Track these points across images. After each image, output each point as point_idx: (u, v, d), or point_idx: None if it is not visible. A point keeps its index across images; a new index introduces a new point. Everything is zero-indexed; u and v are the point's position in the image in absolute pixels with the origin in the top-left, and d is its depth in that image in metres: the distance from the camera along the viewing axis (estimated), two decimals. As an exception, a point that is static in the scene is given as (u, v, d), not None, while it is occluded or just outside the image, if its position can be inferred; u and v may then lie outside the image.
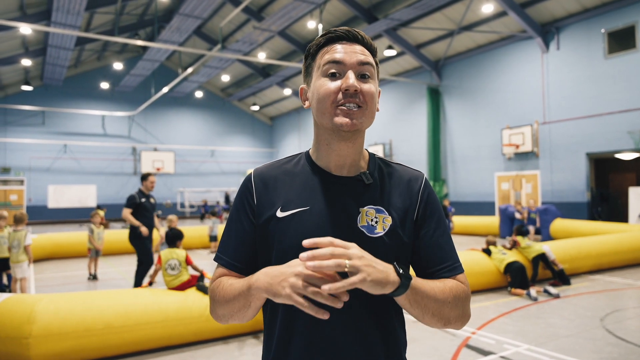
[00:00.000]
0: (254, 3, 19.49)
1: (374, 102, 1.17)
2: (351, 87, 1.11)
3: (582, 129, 14.35)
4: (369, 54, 1.19)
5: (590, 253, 8.78)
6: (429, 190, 1.25)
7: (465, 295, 1.17)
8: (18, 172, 24.57)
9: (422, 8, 15.51)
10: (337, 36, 1.18)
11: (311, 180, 1.21)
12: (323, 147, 1.21)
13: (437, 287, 1.11)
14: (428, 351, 4.65)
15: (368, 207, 1.17)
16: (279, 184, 1.22)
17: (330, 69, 1.15)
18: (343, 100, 1.13)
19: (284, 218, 1.17)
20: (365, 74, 1.16)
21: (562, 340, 4.91)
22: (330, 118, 1.14)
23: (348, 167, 1.21)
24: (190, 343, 4.90)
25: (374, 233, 1.15)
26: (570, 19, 14.53)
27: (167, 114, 28.65)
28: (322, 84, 1.15)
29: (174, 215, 9.11)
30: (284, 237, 1.15)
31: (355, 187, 1.20)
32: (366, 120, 1.16)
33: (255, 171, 1.27)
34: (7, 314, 4.17)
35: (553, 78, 15.14)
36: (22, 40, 18.94)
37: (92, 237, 8.91)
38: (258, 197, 1.22)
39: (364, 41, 1.20)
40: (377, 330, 1.15)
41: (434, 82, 19.49)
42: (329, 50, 1.17)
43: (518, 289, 7.09)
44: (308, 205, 1.17)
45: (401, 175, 1.26)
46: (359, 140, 1.20)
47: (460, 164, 18.64)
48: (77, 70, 26.13)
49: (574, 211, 14.38)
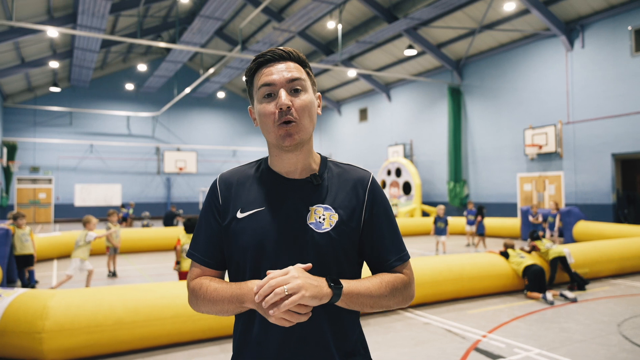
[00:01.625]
0: (274, 4, 19.60)
1: (308, 111, 1.27)
2: (283, 105, 1.23)
3: (607, 129, 13.97)
4: (298, 68, 1.30)
5: (613, 256, 8.54)
6: (375, 189, 1.36)
7: (403, 283, 1.32)
8: (47, 171, 25.28)
9: (443, 7, 15.34)
10: (266, 59, 1.30)
11: (267, 184, 1.35)
12: (274, 156, 1.34)
13: (372, 285, 1.25)
14: (435, 353, 4.61)
15: (317, 206, 1.30)
16: (239, 187, 1.36)
17: (265, 91, 1.27)
18: (281, 119, 1.24)
19: (243, 218, 1.31)
20: (297, 88, 1.27)
21: (575, 346, 4.80)
22: (274, 136, 1.27)
23: (300, 171, 1.34)
24: (200, 340, 4.97)
25: (322, 229, 1.27)
26: (596, 16, 14.16)
27: (190, 114, 29.05)
28: (261, 107, 1.28)
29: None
30: (243, 235, 1.29)
31: (305, 188, 1.32)
32: (303, 131, 1.27)
33: (220, 176, 1.41)
34: (21, 309, 4.30)
35: (578, 77, 14.79)
36: (50, 43, 19.47)
37: (110, 235, 9.10)
38: (222, 200, 1.36)
39: (291, 57, 1.31)
40: (328, 324, 1.27)
41: (455, 82, 19.26)
42: (261, 74, 1.29)
43: (534, 293, 6.95)
44: (263, 206, 1.31)
45: (349, 175, 1.36)
46: (305, 148, 1.32)
47: (481, 165, 18.37)
48: (103, 72, 26.73)
49: (599, 213, 14.01)
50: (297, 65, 1.31)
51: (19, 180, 24.60)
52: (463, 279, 6.84)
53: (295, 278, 1.11)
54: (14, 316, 4.27)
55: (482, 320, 5.82)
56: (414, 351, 4.70)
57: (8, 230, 7.61)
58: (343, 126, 27.34)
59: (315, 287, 1.13)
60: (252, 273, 1.27)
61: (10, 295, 4.48)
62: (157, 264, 10.63)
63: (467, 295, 7.00)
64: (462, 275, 6.84)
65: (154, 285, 5.10)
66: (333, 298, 1.16)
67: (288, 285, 1.09)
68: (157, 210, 27.09)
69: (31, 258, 7.91)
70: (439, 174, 20.07)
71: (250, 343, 1.28)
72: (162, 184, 28.00)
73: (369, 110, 24.98)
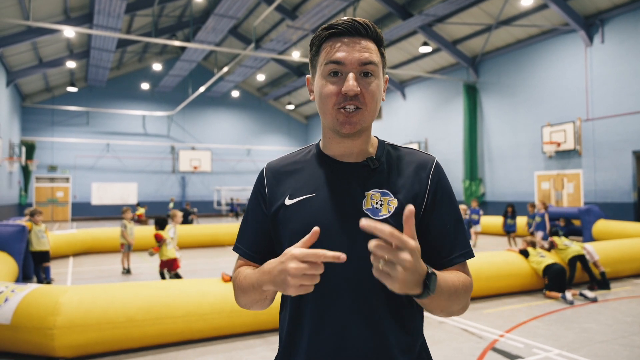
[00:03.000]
0: (287, 2, 19.56)
1: (375, 100, 1.16)
2: (350, 91, 1.11)
3: (628, 125, 13.63)
4: (373, 49, 1.16)
5: (635, 256, 8.30)
6: (439, 175, 1.23)
7: (470, 287, 1.16)
8: (64, 170, 25.62)
9: (458, 3, 15.14)
10: (340, 31, 1.15)
11: (319, 169, 1.24)
12: (328, 139, 1.23)
13: (453, 285, 1.08)
14: (452, 353, 4.50)
15: (373, 191, 1.18)
16: (288, 174, 1.27)
17: (332, 69, 1.14)
18: (343, 103, 1.13)
19: (292, 205, 1.21)
20: (368, 72, 1.14)
21: (596, 346, 4.64)
22: (332, 120, 1.16)
23: (356, 155, 1.22)
24: (211, 338, 4.92)
25: (379, 215, 1.15)
26: (616, 11, 13.82)
27: (204, 113, 29.19)
28: (323, 84, 1.15)
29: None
30: (291, 222, 1.19)
31: (361, 172, 1.21)
32: (366, 120, 1.16)
33: (267, 165, 1.32)
34: (33, 305, 4.30)
35: (597, 73, 14.46)
36: (67, 43, 19.70)
37: (125, 232, 9.16)
38: (269, 189, 1.26)
39: (368, 33, 1.16)
40: (389, 318, 1.14)
41: (470, 79, 19.00)
42: (331, 48, 1.15)
43: (553, 292, 6.79)
44: (314, 192, 1.20)
45: (411, 159, 1.24)
46: (363, 135, 1.21)
47: (498, 163, 18.09)
48: (119, 71, 26.99)
49: (619, 212, 13.68)
50: (373, 46, 1.17)
51: (37, 179, 24.96)
52: (480, 278, 6.70)
53: (410, 262, 0.90)
54: (26, 312, 4.27)
55: (499, 319, 5.68)
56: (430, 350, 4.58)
57: (24, 227, 7.67)
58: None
59: (415, 281, 0.94)
60: None
61: (23, 291, 4.48)
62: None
63: (484, 295, 6.86)
64: (479, 274, 6.70)
65: (166, 283, 5.07)
66: (418, 296, 0.98)
67: (401, 260, 0.89)
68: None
69: (47, 254, 7.98)
70: (455, 172, 19.82)
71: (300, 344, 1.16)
72: (177, 183, 28.18)
73: (383, 108, 24.80)
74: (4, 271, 6.41)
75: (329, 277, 1.10)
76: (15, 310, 4.29)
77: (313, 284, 0.97)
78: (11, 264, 7.02)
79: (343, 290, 1.12)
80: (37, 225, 7.91)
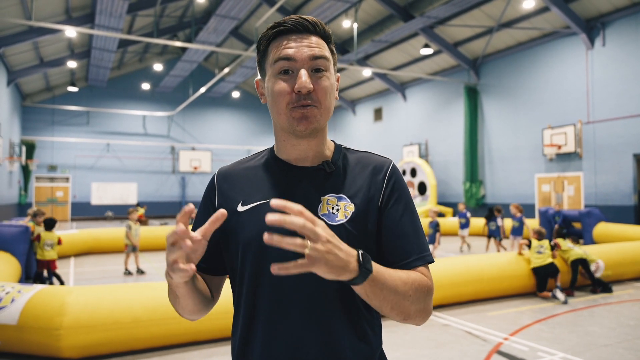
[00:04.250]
0: (289, 3, 19.58)
1: (328, 97, 1.12)
2: (303, 88, 1.07)
3: (629, 128, 13.67)
4: (322, 44, 1.13)
5: (636, 259, 8.33)
6: (395, 177, 1.19)
7: (427, 289, 1.10)
8: (64, 170, 25.59)
9: (460, 5, 15.16)
10: (287, 29, 1.12)
11: (273, 174, 1.20)
12: (282, 142, 1.19)
13: (399, 278, 1.03)
14: (457, 356, 4.51)
15: (329, 196, 1.15)
16: (241, 180, 1.22)
17: (282, 67, 1.10)
18: (296, 103, 1.09)
19: (244, 212, 1.16)
20: (320, 68, 1.11)
21: (600, 350, 4.66)
22: (287, 120, 1.12)
23: (311, 158, 1.19)
24: (216, 339, 4.93)
25: (335, 221, 1.11)
26: (617, 14, 13.86)
27: (205, 113, 29.19)
28: (275, 84, 1.12)
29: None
30: (243, 230, 1.14)
31: (316, 177, 1.17)
32: (322, 117, 1.12)
33: (218, 171, 1.27)
34: (40, 305, 4.31)
35: (598, 76, 14.50)
36: (68, 43, 19.68)
37: (130, 233, 9.14)
38: (220, 196, 1.22)
39: (316, 30, 1.13)
40: (345, 327, 1.10)
41: (471, 81, 19.04)
42: (279, 46, 1.12)
43: (544, 292, 6.91)
44: (268, 198, 1.15)
45: (367, 162, 1.21)
46: (319, 135, 1.17)
47: (498, 165, 18.12)
48: (119, 71, 26.97)
49: (620, 215, 13.71)
50: (322, 41, 1.14)
51: (37, 179, 24.93)
52: (483, 279, 6.72)
53: (325, 240, 0.87)
54: (32, 313, 4.28)
55: (503, 322, 5.69)
56: (435, 353, 4.60)
57: (27, 228, 7.67)
58: (357, 126, 27.21)
59: (341, 259, 0.89)
60: (252, 275, 1.10)
61: (29, 292, 4.49)
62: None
63: (487, 297, 6.88)
64: (482, 276, 6.72)
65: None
66: (356, 279, 0.93)
67: (313, 244, 0.86)
68: (172, 209, 27.28)
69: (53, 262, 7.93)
70: (455, 174, 19.85)
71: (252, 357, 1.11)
72: (177, 183, 28.17)
73: (383, 109, 24.82)
74: (8, 272, 6.42)
75: (281, 286, 1.08)
76: (22, 311, 4.29)
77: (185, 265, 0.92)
78: (14, 265, 7.02)
79: (296, 300, 1.08)
80: (40, 226, 7.88)
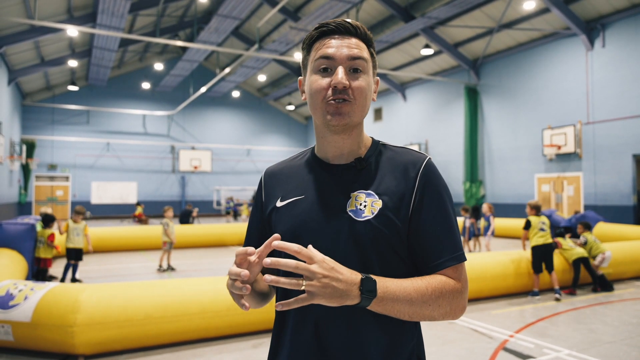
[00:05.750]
0: (290, 3, 19.63)
1: (364, 96, 1.17)
2: (339, 84, 1.12)
3: (629, 129, 13.77)
4: (362, 46, 1.19)
5: (637, 258, 8.42)
6: (428, 174, 1.19)
7: (453, 292, 1.12)
8: (64, 169, 25.59)
9: (461, 6, 15.24)
10: (330, 29, 1.18)
11: (310, 171, 1.27)
12: (320, 139, 1.25)
13: (414, 289, 1.07)
14: (463, 353, 4.58)
15: (358, 192, 1.18)
16: (283, 177, 1.32)
17: (322, 64, 1.16)
18: (332, 97, 1.14)
19: (282, 207, 1.26)
20: (357, 69, 1.16)
21: (605, 347, 4.73)
22: (321, 114, 1.17)
23: (346, 156, 1.23)
24: (226, 336, 4.99)
25: (362, 217, 1.15)
26: (617, 15, 13.97)
27: (205, 113, 29.21)
28: (313, 80, 1.17)
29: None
30: (279, 224, 1.24)
31: (348, 174, 1.22)
32: (356, 114, 1.17)
33: (266, 169, 1.38)
34: (53, 303, 4.36)
35: (598, 77, 14.60)
36: (69, 42, 19.69)
37: (168, 230, 9.27)
38: (265, 193, 1.33)
39: (357, 33, 1.19)
40: (370, 320, 1.12)
41: (471, 82, 19.13)
42: (321, 45, 1.18)
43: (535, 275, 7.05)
44: (303, 194, 1.24)
45: (401, 159, 1.23)
46: (354, 132, 1.22)
47: (498, 165, 18.22)
48: (120, 71, 26.98)
49: (619, 215, 13.81)
50: (362, 43, 1.19)
51: (37, 178, 24.93)
52: (486, 278, 6.79)
53: (322, 276, 0.96)
54: (46, 310, 4.33)
55: (508, 320, 5.77)
56: (442, 350, 4.67)
57: (33, 225, 7.71)
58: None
59: (340, 291, 0.98)
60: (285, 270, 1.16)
61: (42, 290, 4.54)
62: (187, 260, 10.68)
63: (490, 295, 6.95)
64: (485, 274, 6.79)
65: (182, 281, 5.13)
66: (359, 304, 1.01)
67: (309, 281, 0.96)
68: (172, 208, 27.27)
69: (80, 252, 8.03)
70: (455, 174, 19.94)
71: (283, 346, 1.20)
72: (177, 183, 28.19)
73: (383, 110, 24.90)
74: (16, 269, 6.46)
75: None
76: (35, 308, 4.34)
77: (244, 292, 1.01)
78: (21, 262, 7.06)
79: None
80: (76, 222, 7.98)
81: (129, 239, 12.69)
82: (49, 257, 7.63)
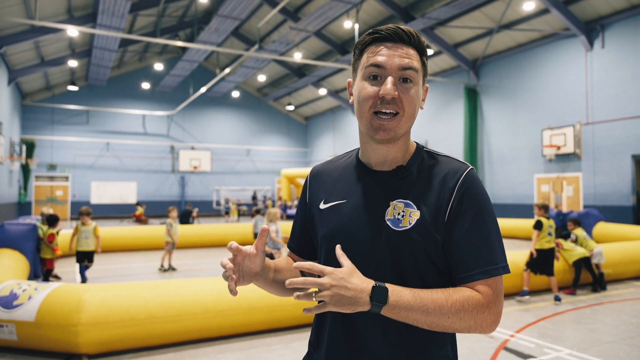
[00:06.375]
0: (290, 4, 19.65)
1: (412, 106, 1.16)
2: (387, 94, 1.12)
3: (628, 130, 13.81)
4: (414, 56, 1.17)
5: (636, 258, 8.45)
6: (468, 184, 1.16)
7: (477, 306, 1.08)
8: (64, 169, 25.59)
9: (460, 6, 15.28)
10: (383, 36, 1.17)
11: (353, 175, 1.29)
12: (364, 145, 1.27)
13: (431, 300, 1.06)
14: (465, 352, 4.61)
15: (397, 201, 1.18)
16: (327, 178, 1.35)
17: (372, 72, 1.16)
18: (380, 107, 1.14)
19: (325, 210, 1.29)
20: (407, 78, 1.15)
21: (605, 346, 4.77)
22: (367, 123, 1.18)
23: (389, 163, 1.23)
24: (229, 336, 5.01)
25: (399, 227, 1.14)
26: (616, 16, 14.01)
27: (205, 113, 29.23)
28: (362, 87, 1.17)
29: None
30: (322, 227, 1.28)
31: (389, 181, 1.22)
32: (402, 127, 1.17)
33: (312, 169, 1.42)
34: (57, 302, 4.38)
35: (597, 77, 14.64)
36: (69, 42, 19.70)
37: (171, 230, 9.32)
38: (310, 192, 1.37)
39: (410, 41, 1.17)
40: (403, 323, 1.12)
41: (471, 82, 19.17)
42: (373, 52, 1.17)
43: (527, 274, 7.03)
44: (345, 199, 1.26)
45: (442, 168, 1.20)
46: (399, 142, 1.21)
47: (498, 165, 18.26)
48: (120, 71, 27.00)
49: (619, 215, 13.85)
50: (415, 53, 1.17)
51: (37, 178, 24.93)
52: (486, 279, 6.80)
53: (330, 286, 1.01)
54: (50, 309, 4.35)
55: (508, 320, 5.80)
56: (443, 350, 4.69)
57: (35, 226, 7.74)
58: (357, 126, 27.25)
59: (349, 298, 1.02)
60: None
61: (46, 289, 4.56)
62: (188, 260, 10.71)
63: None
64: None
65: (185, 281, 5.16)
66: (371, 309, 1.04)
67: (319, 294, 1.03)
68: (172, 208, 27.29)
69: (91, 254, 7.83)
70: (454, 174, 19.93)
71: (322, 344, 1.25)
72: (177, 183, 28.21)
73: (383, 110, 24.91)
74: (18, 269, 6.48)
75: None
76: (39, 308, 4.36)
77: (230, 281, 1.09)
78: (23, 263, 7.08)
79: None
80: (85, 225, 7.78)
81: (129, 239, 12.72)
82: (50, 257, 7.63)
